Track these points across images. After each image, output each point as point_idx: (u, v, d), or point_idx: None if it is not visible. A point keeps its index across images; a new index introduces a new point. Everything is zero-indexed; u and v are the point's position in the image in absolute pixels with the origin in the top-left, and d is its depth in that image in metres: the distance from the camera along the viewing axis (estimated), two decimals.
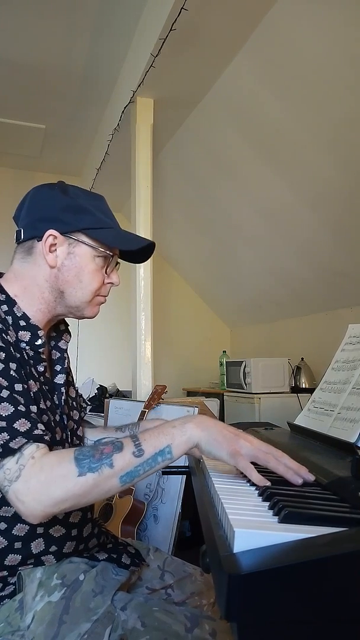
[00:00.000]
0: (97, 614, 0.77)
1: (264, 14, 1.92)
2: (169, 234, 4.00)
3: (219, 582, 0.43)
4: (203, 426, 0.73)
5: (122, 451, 0.70)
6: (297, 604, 0.41)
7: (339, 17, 1.72)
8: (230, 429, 0.74)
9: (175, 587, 0.98)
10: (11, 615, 0.78)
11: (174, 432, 0.72)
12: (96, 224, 0.89)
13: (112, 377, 3.67)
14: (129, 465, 0.70)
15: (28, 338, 0.86)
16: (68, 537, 0.87)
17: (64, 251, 0.88)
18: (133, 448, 0.71)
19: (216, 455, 0.71)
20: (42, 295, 0.89)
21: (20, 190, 0.98)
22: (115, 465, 0.69)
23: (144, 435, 0.73)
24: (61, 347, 0.97)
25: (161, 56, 2.13)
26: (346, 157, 2.13)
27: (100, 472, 0.68)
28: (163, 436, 0.72)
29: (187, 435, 0.72)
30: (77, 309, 0.92)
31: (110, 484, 0.69)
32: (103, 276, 0.92)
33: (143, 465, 0.71)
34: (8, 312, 0.86)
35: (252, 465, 0.68)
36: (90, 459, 0.69)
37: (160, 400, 2.06)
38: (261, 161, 2.56)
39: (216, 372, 3.75)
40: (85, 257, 0.89)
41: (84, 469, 0.68)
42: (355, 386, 0.94)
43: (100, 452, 0.70)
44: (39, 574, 0.81)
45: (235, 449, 0.70)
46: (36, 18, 2.30)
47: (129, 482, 0.71)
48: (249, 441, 0.72)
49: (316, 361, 2.92)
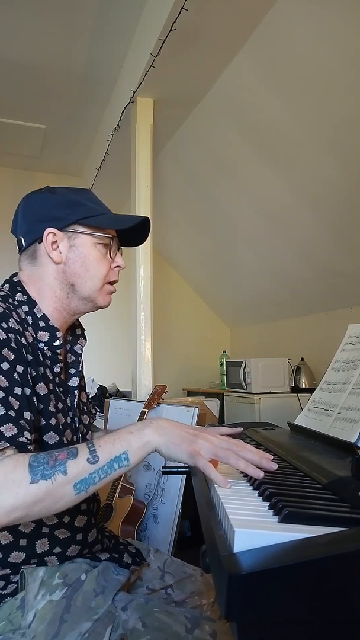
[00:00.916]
0: (98, 614, 0.77)
1: (264, 14, 1.92)
2: (169, 234, 4.00)
3: (219, 582, 0.43)
4: (161, 430, 0.72)
5: (76, 458, 0.69)
6: (297, 604, 0.41)
7: (339, 17, 1.72)
8: (189, 429, 0.74)
9: (175, 588, 0.98)
10: (12, 613, 0.78)
11: (131, 438, 0.72)
12: (89, 212, 0.91)
13: (112, 377, 3.67)
14: (83, 472, 0.68)
15: (47, 339, 0.88)
16: (73, 541, 0.87)
17: (65, 245, 0.90)
18: (88, 454, 0.69)
19: (176, 457, 0.71)
20: (55, 294, 0.91)
21: (21, 190, 1.00)
22: (69, 472, 0.67)
23: (100, 441, 0.72)
24: (76, 351, 0.99)
25: (161, 56, 2.13)
26: (346, 157, 2.13)
27: (53, 479, 0.66)
28: (119, 442, 0.71)
29: (145, 440, 0.71)
30: (90, 298, 0.93)
31: (64, 491, 0.67)
32: (109, 261, 0.94)
33: (98, 472, 0.69)
34: (29, 313, 0.88)
35: (211, 465, 0.68)
36: (44, 465, 0.67)
37: (160, 400, 2.07)
38: (261, 161, 2.56)
39: (216, 372, 3.75)
40: (87, 246, 0.91)
41: (37, 476, 0.66)
42: (355, 386, 0.94)
43: (54, 458, 0.68)
44: (41, 573, 0.81)
45: (194, 449, 0.70)
46: (36, 18, 2.30)
47: (84, 490, 0.68)
48: (208, 440, 0.71)
49: (316, 361, 2.92)
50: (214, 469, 0.67)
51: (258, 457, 0.69)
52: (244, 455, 0.69)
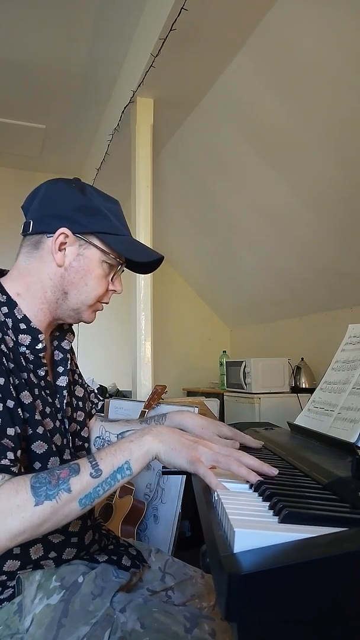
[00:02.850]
0: (96, 617, 0.76)
1: (264, 14, 1.92)
2: (169, 234, 4.00)
3: (219, 582, 0.43)
4: (161, 437, 0.72)
5: (79, 474, 0.69)
6: (297, 604, 0.41)
7: (339, 17, 1.72)
8: (189, 436, 0.74)
9: (176, 590, 0.98)
10: (10, 618, 0.77)
11: (132, 446, 0.72)
12: (110, 229, 0.88)
13: (112, 377, 3.67)
14: (87, 487, 0.68)
15: (28, 342, 0.84)
16: (67, 544, 0.86)
17: (73, 251, 0.87)
18: (90, 469, 0.69)
19: (176, 464, 0.71)
20: (44, 294, 0.87)
21: (20, 190, 0.98)
22: (74, 489, 0.67)
23: (101, 454, 0.71)
24: (64, 347, 0.96)
25: (161, 56, 2.13)
26: (346, 157, 2.13)
27: (58, 498, 0.66)
28: (120, 452, 0.71)
29: (145, 448, 0.71)
30: (77, 311, 0.90)
31: (70, 508, 0.67)
32: (107, 283, 0.92)
33: (102, 485, 0.69)
34: (8, 315, 0.83)
35: (211, 472, 0.67)
36: (47, 486, 0.66)
37: (160, 400, 2.07)
38: (261, 161, 2.56)
39: (216, 372, 3.75)
40: (94, 260, 0.88)
41: (40, 497, 0.65)
42: (355, 386, 0.94)
43: (56, 477, 0.68)
44: (37, 577, 0.80)
45: (195, 456, 0.69)
46: (36, 18, 2.30)
47: (90, 503, 0.69)
48: (208, 447, 0.71)
49: (316, 361, 2.92)
50: (214, 477, 0.66)
51: (259, 463, 0.69)
52: (245, 462, 0.69)
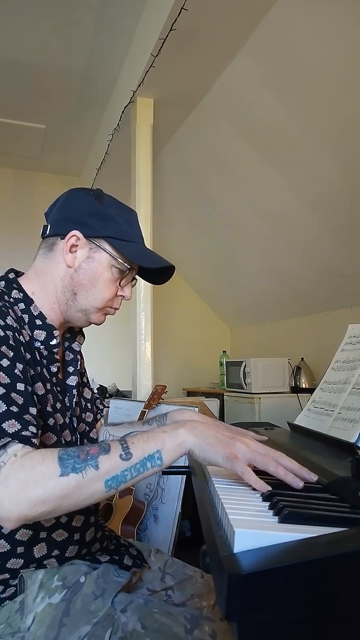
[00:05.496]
0: (97, 617, 0.77)
1: (264, 14, 1.92)
2: (169, 234, 4.00)
3: (219, 582, 0.43)
4: (196, 431, 0.69)
5: (109, 453, 0.67)
6: (297, 604, 0.41)
7: (339, 17, 1.72)
8: (225, 431, 0.71)
9: (176, 589, 0.98)
10: (11, 616, 0.78)
11: (165, 437, 0.69)
12: (121, 235, 0.90)
13: (112, 377, 3.67)
14: (115, 468, 0.66)
15: (43, 337, 0.87)
16: (71, 542, 0.86)
17: (83, 254, 0.90)
18: (121, 451, 0.67)
19: (211, 460, 0.67)
20: (56, 294, 0.91)
21: (21, 190, 1.00)
22: (101, 467, 0.65)
23: (133, 438, 0.69)
24: (74, 348, 0.98)
25: (161, 56, 2.13)
26: (347, 158, 2.13)
27: (84, 473, 0.64)
28: (153, 441, 0.68)
29: (179, 441, 0.68)
30: (86, 312, 0.92)
31: (95, 487, 0.65)
32: (116, 288, 0.93)
33: (130, 470, 0.67)
34: (25, 311, 0.87)
35: (250, 469, 0.64)
36: (75, 459, 0.65)
37: (160, 400, 2.07)
38: (261, 161, 2.56)
39: (216, 372, 3.75)
40: (103, 264, 0.90)
41: (67, 469, 0.64)
42: (355, 386, 0.94)
43: (85, 452, 0.66)
44: (40, 576, 0.81)
45: (232, 453, 0.66)
46: (36, 18, 2.30)
47: (115, 487, 0.66)
48: (246, 443, 0.68)
49: (316, 361, 2.92)
50: (255, 475, 0.63)
51: (297, 466, 0.66)
52: (283, 463, 0.66)
